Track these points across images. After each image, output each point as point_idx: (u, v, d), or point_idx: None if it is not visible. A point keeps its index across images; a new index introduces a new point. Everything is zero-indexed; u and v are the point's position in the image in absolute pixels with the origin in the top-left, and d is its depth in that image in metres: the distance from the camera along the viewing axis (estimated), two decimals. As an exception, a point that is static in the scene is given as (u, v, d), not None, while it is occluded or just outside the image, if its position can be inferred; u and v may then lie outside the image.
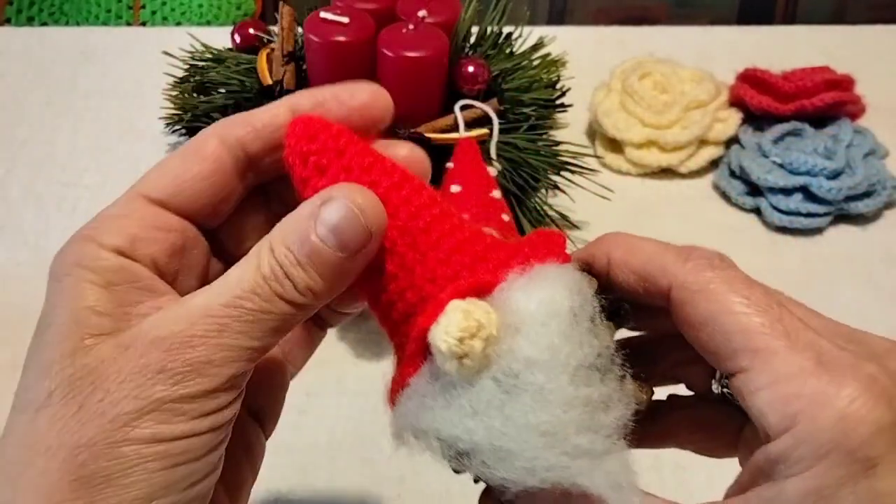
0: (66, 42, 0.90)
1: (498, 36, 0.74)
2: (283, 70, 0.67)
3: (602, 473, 0.27)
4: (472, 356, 0.27)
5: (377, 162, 0.30)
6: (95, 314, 0.28)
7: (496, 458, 0.27)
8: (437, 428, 0.27)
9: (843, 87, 0.75)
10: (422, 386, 0.28)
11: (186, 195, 0.31)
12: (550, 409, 0.26)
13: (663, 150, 0.75)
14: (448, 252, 0.29)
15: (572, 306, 0.28)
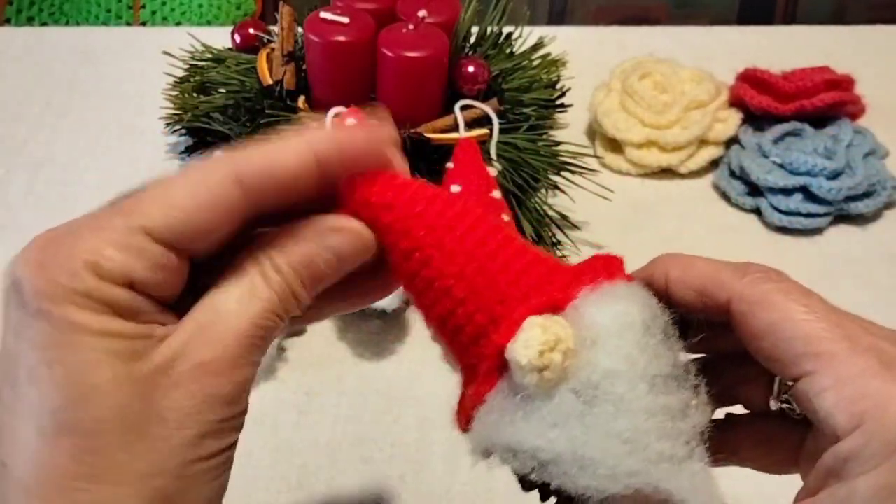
0: (66, 42, 0.90)
1: (498, 36, 0.74)
2: (283, 70, 0.67)
3: (684, 478, 0.28)
4: (552, 369, 0.28)
5: (440, 195, 0.32)
6: (124, 339, 0.27)
7: (578, 466, 0.27)
8: (518, 441, 0.28)
9: (843, 87, 0.75)
10: (499, 402, 0.29)
11: (190, 237, 0.28)
12: (631, 417, 0.27)
13: (663, 150, 0.75)
14: (516, 274, 0.30)
15: (644, 319, 0.29)
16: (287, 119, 0.65)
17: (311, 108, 0.67)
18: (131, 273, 0.27)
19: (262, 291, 0.29)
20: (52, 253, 0.27)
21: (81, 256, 0.27)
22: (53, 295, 0.26)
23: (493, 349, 0.29)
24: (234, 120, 0.69)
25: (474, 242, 0.31)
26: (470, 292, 0.30)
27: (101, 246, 0.27)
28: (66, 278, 0.26)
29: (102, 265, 0.27)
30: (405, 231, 0.31)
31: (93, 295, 0.27)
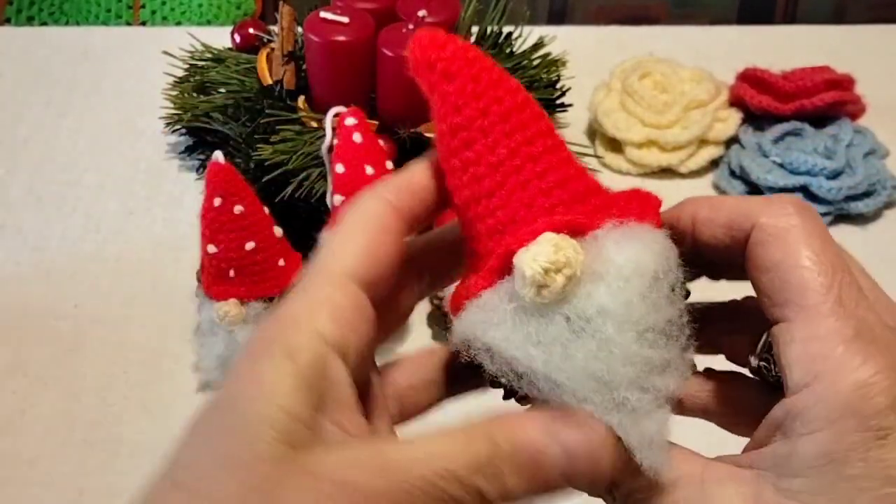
0: (66, 42, 0.90)
1: (498, 36, 0.74)
2: (283, 70, 0.67)
3: (639, 431, 0.28)
4: (551, 289, 0.28)
5: (504, 79, 0.31)
6: (290, 419, 0.25)
7: (547, 386, 0.28)
8: (499, 345, 0.28)
9: (843, 87, 0.75)
10: (494, 302, 0.29)
11: (379, 272, 0.28)
12: (611, 360, 0.28)
13: (663, 150, 0.75)
14: (551, 185, 0.30)
15: (657, 270, 0.29)
16: (287, 119, 0.66)
17: (311, 108, 0.67)
18: (340, 315, 0.27)
19: (458, 449, 0.26)
20: (279, 315, 0.27)
21: (293, 312, 0.27)
22: (256, 350, 0.26)
23: (503, 249, 0.29)
24: (234, 120, 0.69)
25: (522, 140, 0.30)
26: (500, 187, 0.30)
27: (309, 299, 0.27)
28: (277, 335, 0.26)
29: (312, 316, 0.27)
30: (459, 106, 0.30)
31: (292, 352, 0.26)
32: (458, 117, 0.30)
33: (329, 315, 0.27)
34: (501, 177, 0.30)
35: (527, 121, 0.31)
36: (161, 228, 0.71)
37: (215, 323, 0.58)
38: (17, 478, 0.55)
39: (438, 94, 0.31)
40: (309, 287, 0.27)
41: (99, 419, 0.58)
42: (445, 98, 0.30)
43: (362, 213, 0.30)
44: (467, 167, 0.30)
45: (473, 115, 0.30)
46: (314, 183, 0.62)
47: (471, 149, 0.30)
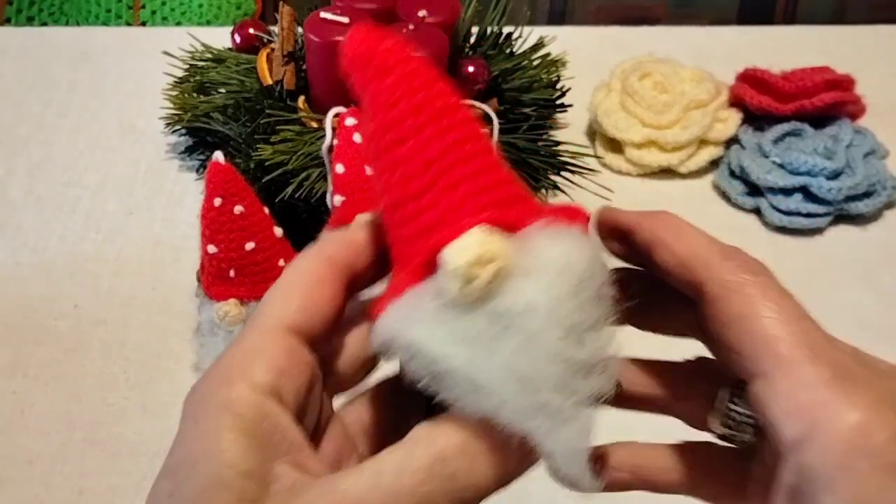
0: (66, 42, 0.90)
1: (498, 36, 0.74)
2: (283, 70, 0.67)
3: (561, 436, 0.27)
4: (476, 284, 0.27)
5: (438, 79, 0.30)
6: (241, 476, 0.25)
7: (467, 389, 0.27)
8: (420, 343, 0.27)
9: (843, 87, 0.75)
10: (417, 300, 0.28)
11: (316, 323, 0.29)
12: (535, 357, 0.27)
13: (663, 150, 0.75)
14: (481, 187, 0.29)
15: (587, 269, 0.28)
16: (287, 119, 0.66)
17: (311, 108, 0.67)
18: (274, 363, 0.28)
19: (407, 462, 0.27)
20: (211, 374, 0.28)
21: (225, 372, 0.28)
22: (196, 413, 0.27)
23: (430, 246, 0.28)
24: (234, 120, 0.69)
25: (454, 140, 0.29)
26: (430, 188, 0.29)
27: (242, 353, 0.28)
28: (214, 395, 0.27)
29: (247, 370, 0.27)
30: (392, 103, 0.29)
31: (233, 409, 0.27)
32: (391, 113, 0.29)
33: (262, 364, 0.27)
34: (432, 177, 0.29)
35: (460, 122, 0.30)
36: (161, 228, 0.71)
37: (215, 323, 0.58)
38: (17, 478, 0.55)
39: (372, 90, 0.30)
40: (241, 340, 0.29)
41: (99, 419, 0.58)
42: (378, 94, 0.30)
43: (296, 268, 0.31)
44: (397, 166, 0.29)
45: (407, 111, 0.29)
46: (314, 183, 0.62)
47: (402, 145, 0.29)
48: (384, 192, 0.30)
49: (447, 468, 0.26)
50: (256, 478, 0.26)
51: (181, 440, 0.27)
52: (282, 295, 0.30)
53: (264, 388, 0.27)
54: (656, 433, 0.36)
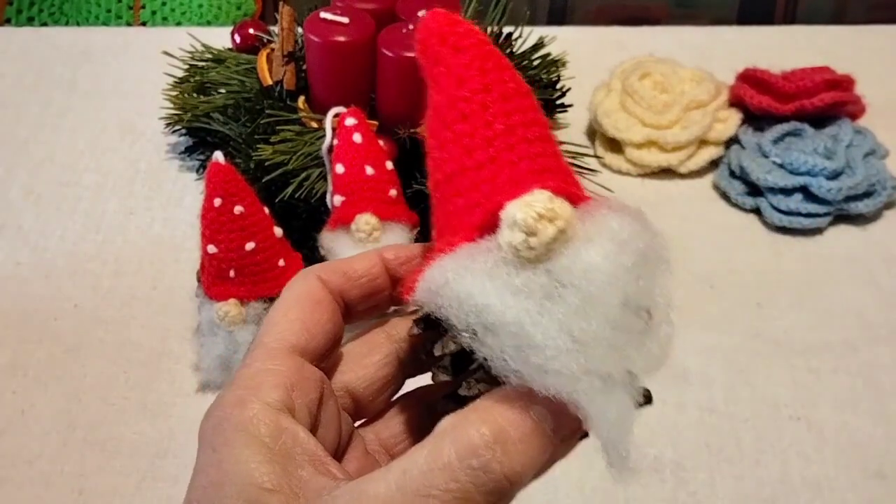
0: (66, 42, 0.90)
1: (498, 36, 0.74)
2: (283, 70, 0.67)
3: (609, 403, 0.26)
4: (540, 238, 0.26)
5: (510, 67, 0.31)
6: (267, 493, 0.26)
7: (515, 343, 0.26)
8: (471, 291, 0.27)
9: (843, 87, 0.75)
10: (471, 253, 0.28)
11: (317, 341, 0.30)
12: (592, 319, 0.26)
13: (663, 150, 0.75)
14: (542, 168, 0.29)
15: (647, 245, 0.28)
16: (287, 119, 0.66)
17: (311, 108, 0.67)
18: (282, 380, 0.28)
19: (432, 458, 0.26)
20: (223, 399, 0.28)
21: (236, 392, 0.28)
22: (213, 440, 0.27)
23: (493, 204, 0.28)
24: (234, 120, 0.69)
25: (520, 122, 0.29)
26: (491, 161, 0.29)
27: (250, 375, 0.29)
28: (227, 419, 0.28)
29: (256, 390, 0.28)
30: (463, 79, 0.30)
31: (248, 430, 0.27)
32: (460, 89, 0.30)
33: (270, 383, 0.28)
34: (495, 151, 0.29)
35: (527, 107, 0.30)
36: (161, 228, 0.71)
37: (215, 323, 0.58)
38: (17, 478, 0.55)
39: (444, 65, 0.30)
40: (248, 363, 0.29)
41: (99, 419, 0.58)
42: (451, 69, 0.30)
43: (294, 290, 0.31)
44: (460, 138, 0.29)
45: (477, 88, 0.30)
46: (314, 183, 0.62)
47: (467, 121, 0.29)
48: (440, 167, 0.30)
49: (479, 459, 0.26)
50: (284, 491, 0.26)
51: (202, 468, 0.27)
52: (283, 316, 0.30)
53: (277, 404, 0.27)
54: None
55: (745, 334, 0.63)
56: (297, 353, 0.30)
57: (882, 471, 0.55)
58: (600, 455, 0.28)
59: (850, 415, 0.58)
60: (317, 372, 0.30)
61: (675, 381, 0.60)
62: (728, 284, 0.67)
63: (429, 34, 0.30)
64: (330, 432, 0.30)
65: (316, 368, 0.30)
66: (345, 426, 0.32)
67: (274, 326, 0.30)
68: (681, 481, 0.55)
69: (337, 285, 0.32)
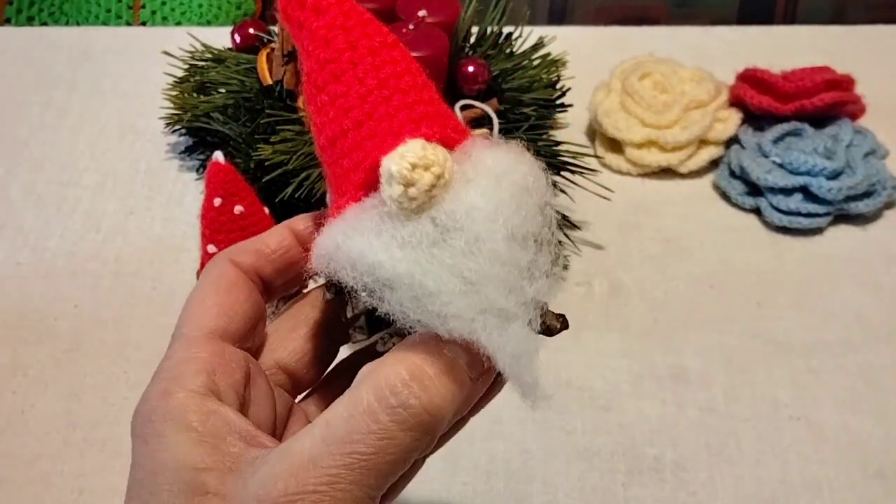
0: (66, 42, 0.90)
1: (498, 36, 0.74)
2: (283, 70, 0.67)
3: (506, 337, 0.27)
4: (418, 187, 0.27)
5: (373, 21, 0.31)
6: (202, 472, 0.26)
7: (411, 294, 0.27)
8: (362, 251, 0.27)
9: (843, 87, 0.75)
10: (358, 212, 0.28)
11: (237, 323, 0.31)
12: (479, 258, 0.27)
13: (663, 150, 0.75)
14: (420, 116, 0.29)
15: (528, 179, 0.29)
16: (287, 119, 0.66)
17: (311, 108, 0.67)
18: (203, 366, 0.29)
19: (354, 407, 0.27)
20: (149, 393, 0.29)
21: (160, 385, 0.29)
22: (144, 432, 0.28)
23: (371, 162, 0.28)
24: (233, 120, 0.69)
25: (391, 73, 0.29)
26: (368, 118, 0.29)
27: (172, 366, 0.29)
28: (155, 411, 0.28)
29: (179, 379, 0.29)
30: (328, 39, 0.30)
31: (177, 418, 0.28)
32: (327, 50, 0.30)
33: (192, 370, 0.29)
34: (370, 107, 0.29)
35: (397, 58, 0.30)
36: (161, 228, 0.71)
37: (215, 323, 0.58)
38: (17, 478, 0.55)
39: (307, 29, 0.30)
40: (169, 355, 0.30)
41: (99, 419, 0.58)
42: (315, 32, 0.30)
43: (207, 276, 0.32)
44: (335, 100, 0.30)
45: (343, 47, 0.30)
46: (314, 183, 0.62)
47: (339, 81, 0.29)
48: (322, 131, 0.30)
49: (398, 397, 0.26)
50: (218, 468, 0.26)
51: (136, 462, 0.27)
52: (199, 304, 0.31)
53: (201, 389, 0.28)
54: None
55: (745, 334, 0.63)
56: (216, 337, 0.30)
57: (882, 471, 0.55)
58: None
59: (850, 415, 0.58)
60: (239, 353, 0.30)
61: (675, 381, 0.60)
62: (728, 284, 0.67)
63: (288, 1, 0.30)
64: (263, 410, 0.31)
65: (238, 350, 0.31)
66: (280, 402, 0.32)
67: (191, 315, 0.31)
68: (681, 481, 0.55)
69: (251, 264, 0.32)
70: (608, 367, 0.61)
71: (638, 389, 0.60)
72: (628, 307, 0.65)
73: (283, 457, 0.26)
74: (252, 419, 0.29)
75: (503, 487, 0.54)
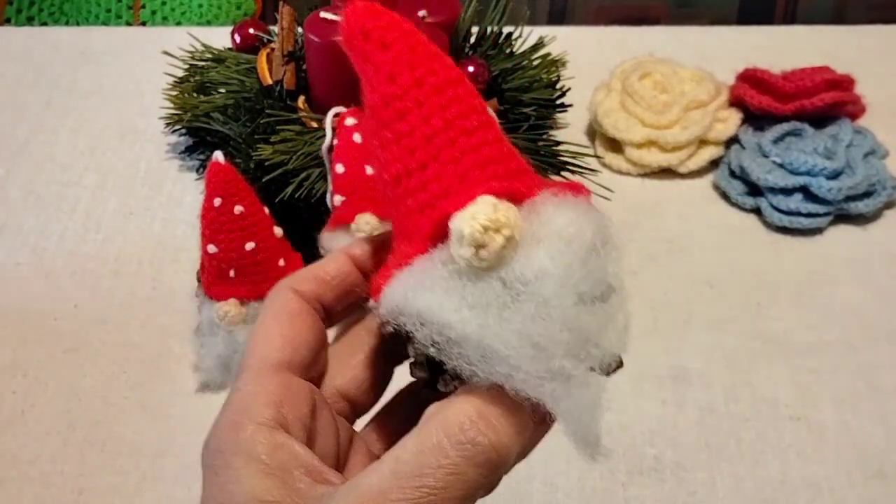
0: (66, 42, 0.90)
1: (498, 36, 0.74)
2: (283, 70, 0.67)
3: (572, 403, 0.27)
4: (489, 249, 0.27)
5: (439, 54, 0.30)
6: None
7: (479, 355, 0.27)
8: (431, 309, 0.27)
9: (843, 87, 0.75)
10: (426, 267, 0.28)
11: (301, 353, 0.31)
12: (549, 323, 0.27)
13: (663, 150, 0.75)
14: (486, 160, 0.29)
15: (596, 238, 0.28)
16: (287, 119, 0.66)
17: (311, 108, 0.67)
18: (271, 399, 0.29)
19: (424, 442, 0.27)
20: (219, 425, 0.29)
21: (230, 417, 0.29)
22: (213, 464, 0.28)
23: (439, 214, 0.28)
24: (234, 120, 0.69)
25: (457, 113, 0.29)
26: (433, 160, 0.29)
27: (240, 398, 0.29)
28: (225, 443, 0.28)
29: (247, 412, 0.29)
30: (393, 75, 0.29)
31: (245, 450, 0.28)
32: (392, 87, 0.29)
33: (261, 403, 0.29)
34: (435, 149, 0.29)
35: (462, 95, 0.30)
36: (161, 228, 0.71)
37: (215, 323, 0.58)
38: (17, 478, 0.55)
39: (372, 63, 0.29)
40: (237, 387, 0.30)
41: (99, 419, 0.58)
42: (380, 67, 0.29)
43: (271, 306, 0.32)
44: (400, 139, 0.29)
45: (408, 84, 0.29)
46: (314, 183, 0.62)
47: (404, 119, 0.29)
48: (386, 167, 0.30)
49: (466, 434, 0.26)
50: (285, 502, 0.27)
51: (208, 492, 0.28)
52: (264, 335, 0.31)
53: (270, 422, 0.28)
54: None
55: (745, 334, 0.63)
56: (282, 369, 0.30)
57: (882, 471, 0.55)
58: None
59: (850, 415, 0.58)
60: (305, 384, 0.31)
61: (675, 381, 0.60)
62: (728, 284, 0.67)
63: (352, 31, 0.30)
64: (328, 440, 0.31)
65: (304, 381, 0.31)
66: (343, 431, 0.32)
67: (256, 347, 0.31)
68: (681, 481, 0.55)
69: (312, 292, 0.32)
70: (608, 367, 0.61)
71: (638, 389, 0.60)
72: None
73: (351, 491, 0.27)
74: (318, 451, 0.30)
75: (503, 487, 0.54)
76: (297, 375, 0.31)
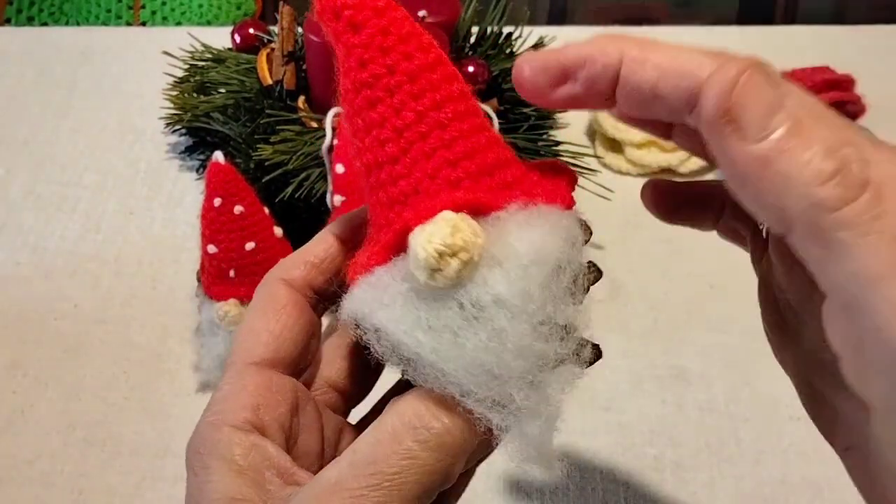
0: (66, 42, 0.90)
1: (498, 36, 0.74)
2: (283, 70, 0.67)
3: (522, 430, 0.27)
4: (445, 273, 0.26)
5: (415, 34, 0.28)
6: (237, 502, 0.27)
7: (433, 374, 0.27)
8: (387, 327, 0.27)
9: (843, 87, 0.75)
10: (386, 281, 0.28)
11: (287, 348, 0.31)
12: (502, 352, 0.26)
13: (663, 150, 0.75)
14: (459, 156, 0.28)
15: (560, 259, 0.28)
16: (287, 119, 0.65)
17: (311, 108, 0.67)
18: (248, 400, 0.29)
19: (381, 433, 0.27)
20: (200, 425, 0.30)
21: (208, 418, 0.29)
22: (194, 465, 0.29)
23: (399, 226, 0.27)
24: (233, 120, 0.69)
25: (430, 104, 0.28)
26: (404, 154, 0.28)
27: (220, 398, 0.30)
28: (203, 445, 0.29)
29: (225, 414, 0.29)
30: (364, 61, 0.28)
31: (221, 453, 0.28)
32: (363, 73, 0.28)
33: (239, 405, 0.29)
34: (406, 143, 0.28)
35: (437, 82, 0.28)
36: (161, 228, 0.71)
37: (215, 323, 0.58)
38: (17, 478, 0.55)
39: (343, 45, 0.28)
40: (221, 385, 0.30)
41: (99, 419, 0.58)
42: (350, 51, 0.28)
43: (258, 300, 0.32)
44: (371, 128, 0.28)
45: (380, 71, 0.28)
46: (314, 183, 0.62)
47: (375, 109, 0.28)
48: (358, 155, 0.29)
49: (422, 420, 0.27)
50: (254, 500, 0.27)
51: (189, 492, 0.29)
52: (249, 332, 0.31)
53: (245, 426, 0.29)
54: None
55: (745, 334, 0.63)
56: (265, 366, 0.30)
57: (882, 471, 0.55)
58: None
59: (850, 415, 0.58)
60: (287, 381, 0.31)
61: (675, 381, 0.60)
62: (728, 284, 0.67)
63: (323, 8, 0.28)
64: (310, 437, 0.31)
65: (287, 377, 0.31)
66: (330, 426, 0.33)
67: (241, 343, 0.31)
68: (681, 481, 0.55)
69: (302, 278, 0.32)
70: (608, 368, 0.61)
71: (638, 389, 0.60)
72: (628, 307, 0.65)
73: (312, 486, 0.27)
74: (300, 448, 0.30)
75: (503, 487, 0.54)
76: (283, 370, 0.31)
